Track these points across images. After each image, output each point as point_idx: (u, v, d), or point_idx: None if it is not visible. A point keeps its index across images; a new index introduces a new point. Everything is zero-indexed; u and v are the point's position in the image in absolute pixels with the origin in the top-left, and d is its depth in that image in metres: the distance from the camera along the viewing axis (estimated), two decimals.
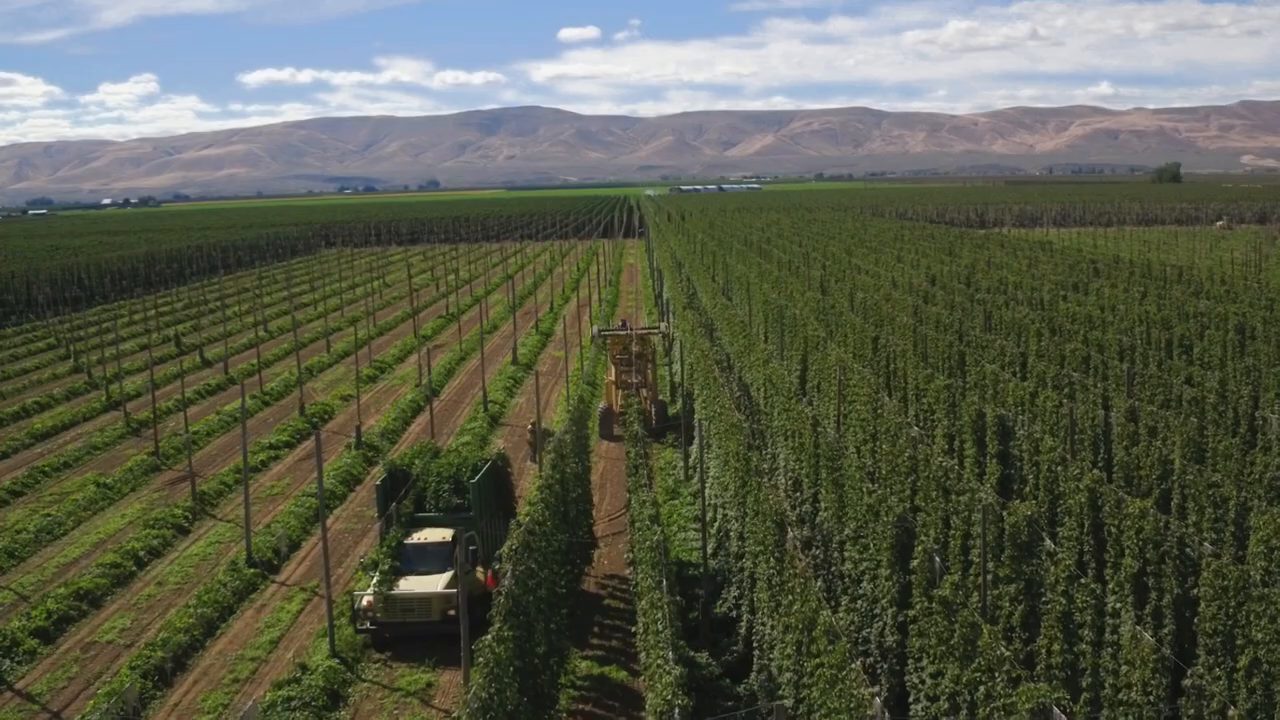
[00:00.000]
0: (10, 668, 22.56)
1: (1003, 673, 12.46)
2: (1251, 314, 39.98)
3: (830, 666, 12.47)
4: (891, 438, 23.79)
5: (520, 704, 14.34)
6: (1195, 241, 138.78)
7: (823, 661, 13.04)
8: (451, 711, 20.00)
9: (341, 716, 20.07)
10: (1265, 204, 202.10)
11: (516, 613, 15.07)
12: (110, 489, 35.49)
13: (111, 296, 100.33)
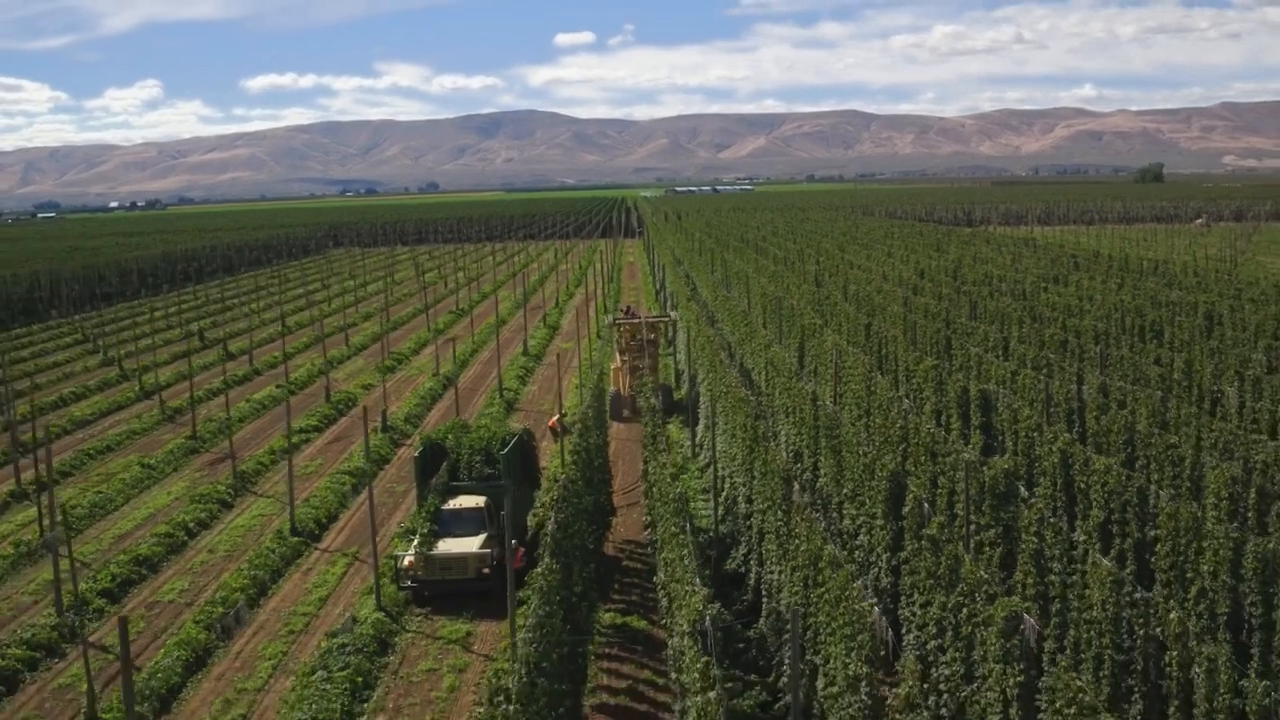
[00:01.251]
0: (83, 623, 24.83)
1: (981, 593, 14.77)
2: (1219, 303, 42.40)
3: (835, 589, 14.76)
4: (884, 411, 26.12)
5: (564, 629, 16.63)
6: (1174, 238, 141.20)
7: (827, 588, 15.32)
8: (490, 656, 22.30)
9: (391, 661, 22.36)
10: (1243, 202, 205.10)
11: (559, 553, 17.37)
12: (154, 469, 37.80)
13: (132, 294, 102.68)
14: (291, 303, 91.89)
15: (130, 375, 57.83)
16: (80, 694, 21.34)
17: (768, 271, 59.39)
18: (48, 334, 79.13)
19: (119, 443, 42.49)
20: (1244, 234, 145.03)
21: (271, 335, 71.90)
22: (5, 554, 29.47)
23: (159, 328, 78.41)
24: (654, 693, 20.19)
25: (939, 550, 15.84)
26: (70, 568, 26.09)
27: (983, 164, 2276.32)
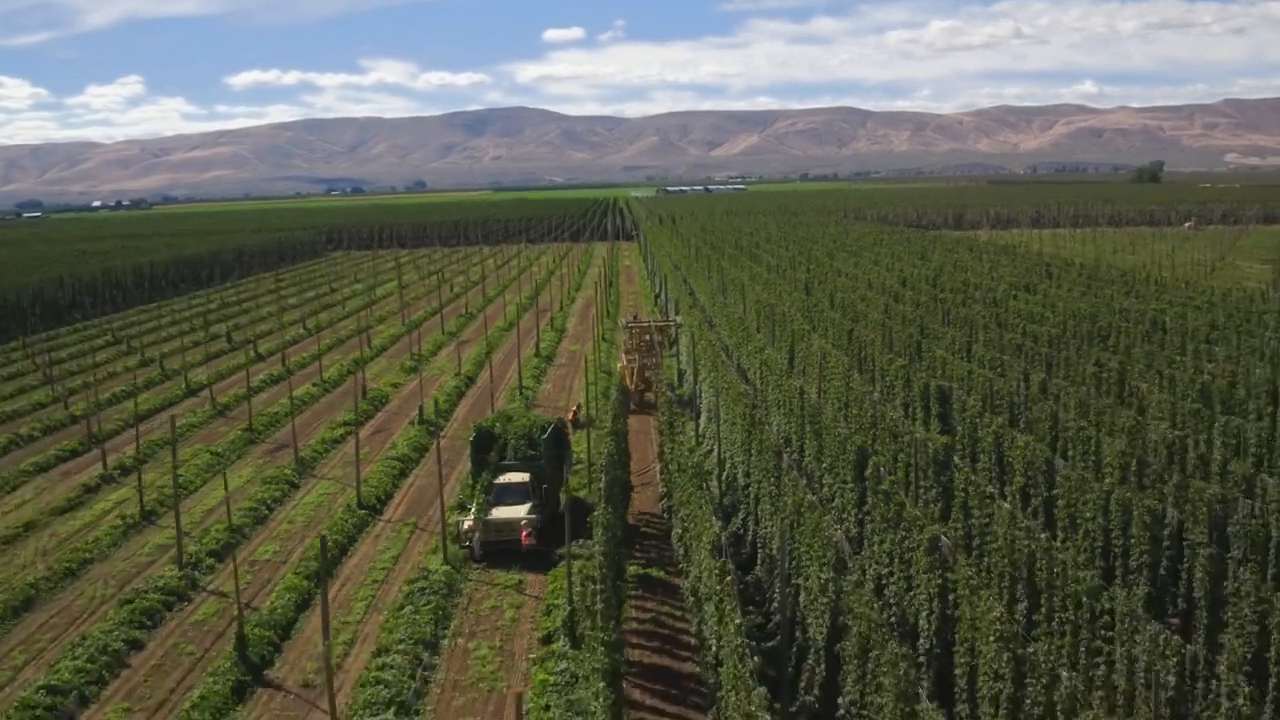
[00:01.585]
0: (199, 576, 30.14)
1: (916, 527, 20.16)
2: (1167, 310, 47.86)
3: (810, 524, 20.12)
4: (858, 403, 31.53)
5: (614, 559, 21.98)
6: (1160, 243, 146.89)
7: (805, 526, 20.70)
8: (540, 598, 27.63)
9: (460, 601, 27.68)
10: (1232, 205, 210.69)
11: (609, 500, 22.73)
12: (221, 456, 43.07)
13: (145, 298, 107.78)
14: (306, 305, 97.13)
15: (171, 374, 63.13)
16: (211, 628, 26.69)
17: (761, 279, 64.85)
18: (76, 336, 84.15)
19: (181, 435, 47.62)
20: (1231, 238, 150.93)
21: (296, 337, 77.15)
22: (116, 525, 34.70)
23: (183, 330, 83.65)
24: (672, 621, 25.55)
25: (889, 501, 21.20)
26: (177, 535, 31.43)
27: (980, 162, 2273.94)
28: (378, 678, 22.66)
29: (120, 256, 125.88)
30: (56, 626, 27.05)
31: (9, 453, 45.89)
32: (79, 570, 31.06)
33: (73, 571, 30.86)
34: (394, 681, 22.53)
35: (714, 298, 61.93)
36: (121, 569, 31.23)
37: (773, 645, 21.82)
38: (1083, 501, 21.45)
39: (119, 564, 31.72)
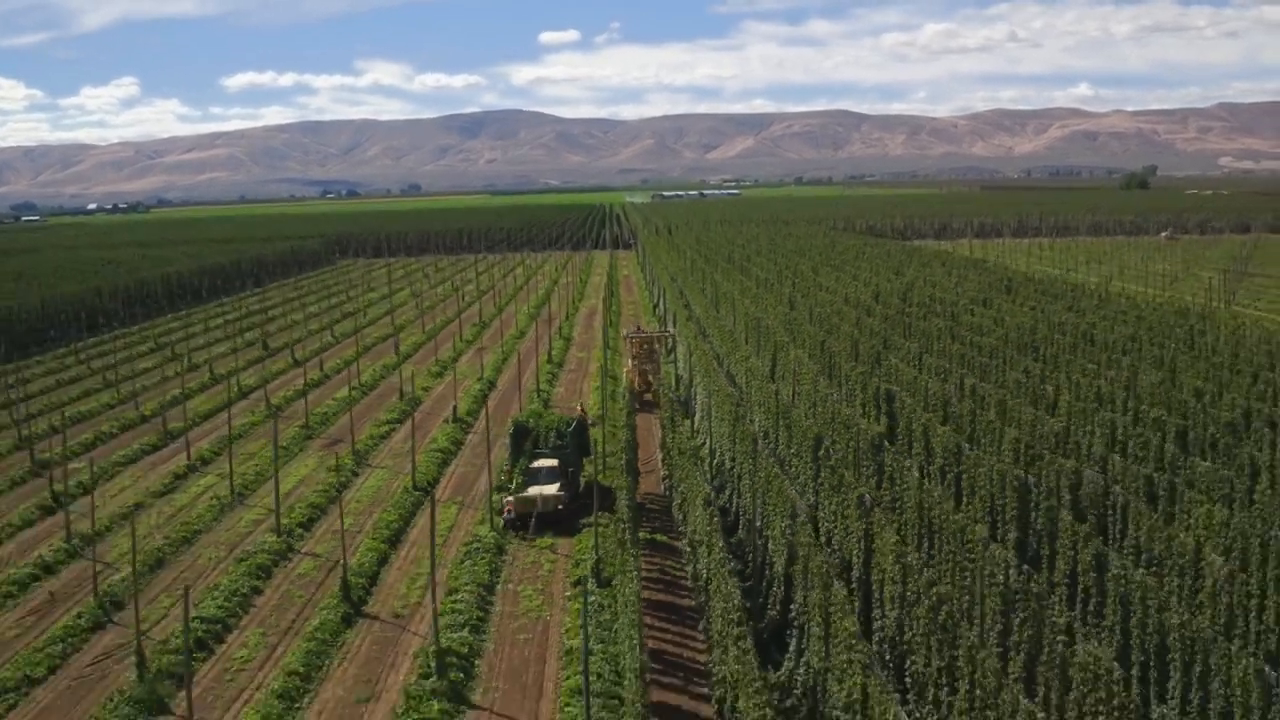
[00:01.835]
0: (293, 542, 37.52)
1: (854, 494, 27.61)
2: (1096, 325, 55.38)
3: (776, 490, 27.54)
4: (822, 402, 38.99)
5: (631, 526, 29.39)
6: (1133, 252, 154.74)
7: (773, 491, 28.14)
8: (569, 555, 35.01)
9: (506, 558, 35.08)
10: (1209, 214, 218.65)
11: (630, 471, 30.16)
12: (286, 449, 50.42)
13: (173, 307, 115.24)
14: (328, 313, 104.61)
15: (220, 378, 70.48)
16: (312, 579, 34.08)
17: (750, 293, 72.36)
18: (120, 343, 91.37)
19: (242, 433, 55.01)
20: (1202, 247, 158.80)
21: (326, 344, 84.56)
22: (212, 504, 42.11)
23: (217, 337, 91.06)
24: (673, 571, 32.99)
25: (835, 473, 28.64)
26: (276, 506, 38.83)
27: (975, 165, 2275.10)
28: (452, 608, 30.04)
29: (145, 266, 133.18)
30: (187, 579, 34.37)
31: (95, 448, 53.17)
32: (192, 539, 38.45)
33: (187, 539, 38.27)
34: (465, 611, 29.94)
35: (708, 311, 69.41)
36: (226, 537, 38.63)
37: (749, 585, 29.29)
38: (977, 476, 28.81)
39: (223, 534, 39.11)
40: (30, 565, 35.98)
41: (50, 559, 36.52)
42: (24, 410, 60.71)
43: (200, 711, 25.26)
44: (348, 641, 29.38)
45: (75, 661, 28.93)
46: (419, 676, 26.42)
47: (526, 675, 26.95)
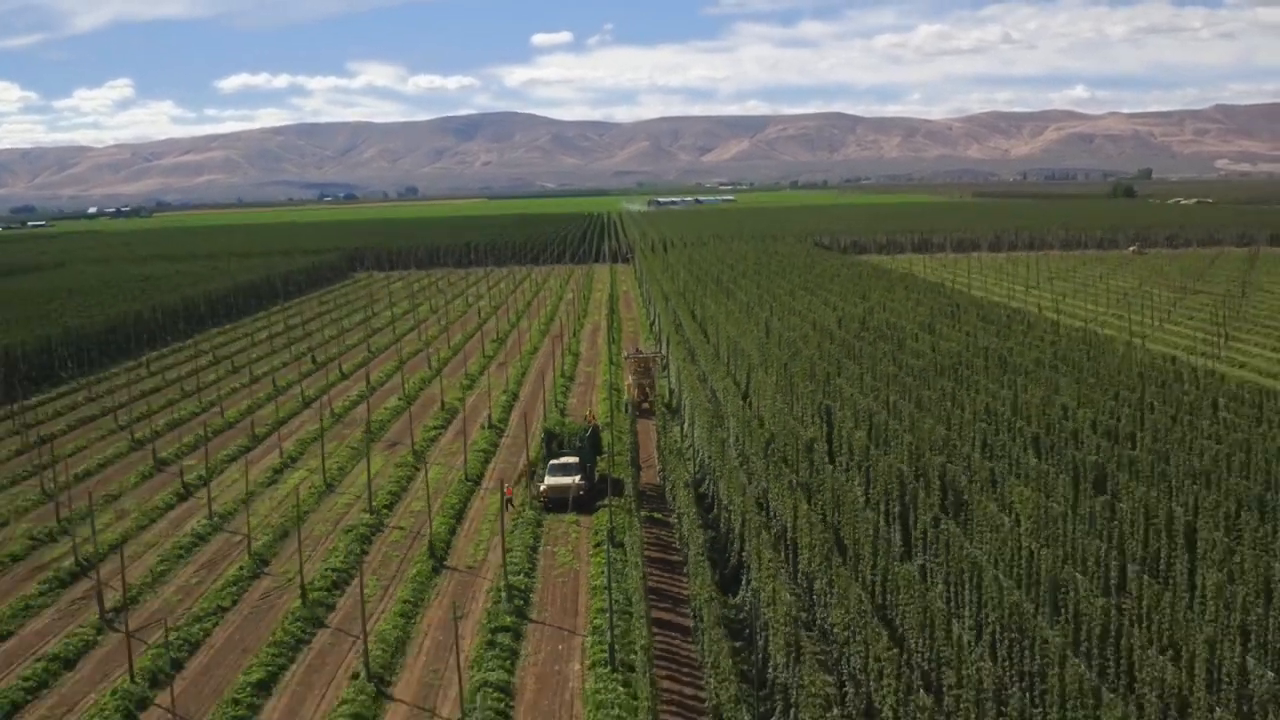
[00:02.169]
0: (378, 522, 50.00)
1: (788, 477, 40.19)
2: (1017, 350, 67.91)
3: (737, 476, 40.08)
4: (779, 414, 51.56)
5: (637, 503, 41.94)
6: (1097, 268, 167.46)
7: (733, 478, 40.71)
8: (590, 527, 47.47)
9: (543, 530, 47.58)
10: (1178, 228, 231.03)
11: (633, 465, 42.71)
12: (357, 450, 62.88)
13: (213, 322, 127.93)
14: (358, 329, 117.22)
15: (282, 389, 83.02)
16: (402, 545, 46.59)
17: (733, 317, 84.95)
18: (182, 357, 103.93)
19: (314, 439, 67.41)
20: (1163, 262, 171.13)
21: (364, 358, 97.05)
22: (311, 491, 54.62)
23: (266, 351, 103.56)
24: (666, 539, 45.54)
25: (778, 464, 41.19)
26: (368, 489, 51.37)
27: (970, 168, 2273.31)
28: (510, 561, 42.49)
29: (185, 284, 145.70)
30: (307, 544, 46.81)
31: (197, 449, 65.53)
32: (303, 517, 50.93)
33: (300, 517, 50.74)
34: (519, 563, 42.44)
35: (695, 334, 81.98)
36: (329, 515, 51.15)
37: (718, 545, 41.87)
38: (877, 469, 41.30)
39: (326, 513, 51.65)
40: (187, 536, 48.50)
41: (201, 530, 49.06)
42: (132, 413, 73.41)
43: (345, 625, 37.82)
44: (438, 584, 41.93)
45: (246, 598, 41.40)
46: (493, 603, 38.97)
47: (566, 602, 39.51)
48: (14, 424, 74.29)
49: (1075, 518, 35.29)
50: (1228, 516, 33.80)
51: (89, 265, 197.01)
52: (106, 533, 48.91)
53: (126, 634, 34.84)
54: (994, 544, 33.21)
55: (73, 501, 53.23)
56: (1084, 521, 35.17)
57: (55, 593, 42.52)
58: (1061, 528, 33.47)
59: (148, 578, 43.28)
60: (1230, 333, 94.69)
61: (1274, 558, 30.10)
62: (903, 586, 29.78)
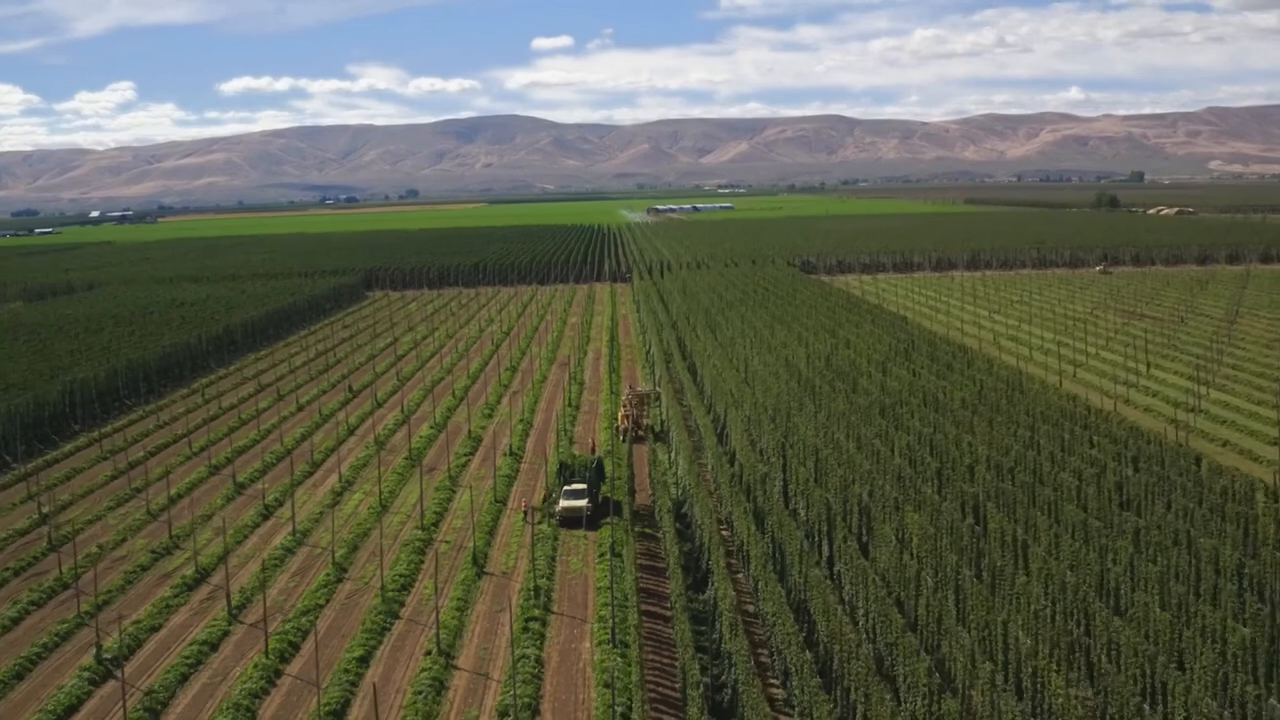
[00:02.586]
0: (428, 537, 63.18)
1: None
2: (949, 390, 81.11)
3: (706, 499, 53.36)
4: (746, 448, 64.82)
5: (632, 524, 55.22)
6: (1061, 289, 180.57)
7: (703, 501, 54.03)
8: (595, 540, 60.70)
9: (559, 542, 60.82)
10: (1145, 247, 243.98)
11: (631, 492, 56.02)
12: (401, 474, 76.08)
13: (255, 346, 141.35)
14: (385, 355, 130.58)
15: (327, 417, 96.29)
16: (449, 555, 59.85)
17: (717, 354, 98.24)
18: (228, 384, 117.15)
19: (365, 462, 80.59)
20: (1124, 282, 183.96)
21: (395, 386, 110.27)
22: (369, 512, 67.84)
23: (302, 380, 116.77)
24: (654, 550, 58.78)
25: (738, 490, 54.42)
26: (421, 508, 64.65)
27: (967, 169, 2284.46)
28: (535, 568, 55.67)
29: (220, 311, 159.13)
30: (375, 556, 59.93)
31: (266, 473, 78.68)
32: (368, 532, 64.14)
33: (365, 532, 63.96)
34: (542, 570, 55.66)
35: (683, 370, 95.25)
36: (388, 531, 64.36)
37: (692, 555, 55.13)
38: (813, 496, 54.45)
39: (386, 529, 64.89)
40: (278, 549, 61.72)
41: (288, 544, 62.31)
42: (209, 435, 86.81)
43: (415, 616, 51.09)
44: (481, 586, 55.19)
45: (335, 598, 54.59)
46: (523, 600, 52.23)
47: (578, 599, 52.78)
48: (101, 449, 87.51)
49: (952, 537, 48.58)
50: (1055, 538, 47.10)
51: (120, 287, 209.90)
52: (211, 546, 62.13)
53: (264, 627, 48.15)
54: (886, 557, 46.49)
55: (174, 520, 66.50)
56: (957, 540, 48.44)
57: (185, 595, 55.68)
58: (934, 545, 46.76)
59: (254, 583, 56.45)
60: (1156, 362, 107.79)
61: (1067, 566, 43.44)
62: (813, 586, 43.05)
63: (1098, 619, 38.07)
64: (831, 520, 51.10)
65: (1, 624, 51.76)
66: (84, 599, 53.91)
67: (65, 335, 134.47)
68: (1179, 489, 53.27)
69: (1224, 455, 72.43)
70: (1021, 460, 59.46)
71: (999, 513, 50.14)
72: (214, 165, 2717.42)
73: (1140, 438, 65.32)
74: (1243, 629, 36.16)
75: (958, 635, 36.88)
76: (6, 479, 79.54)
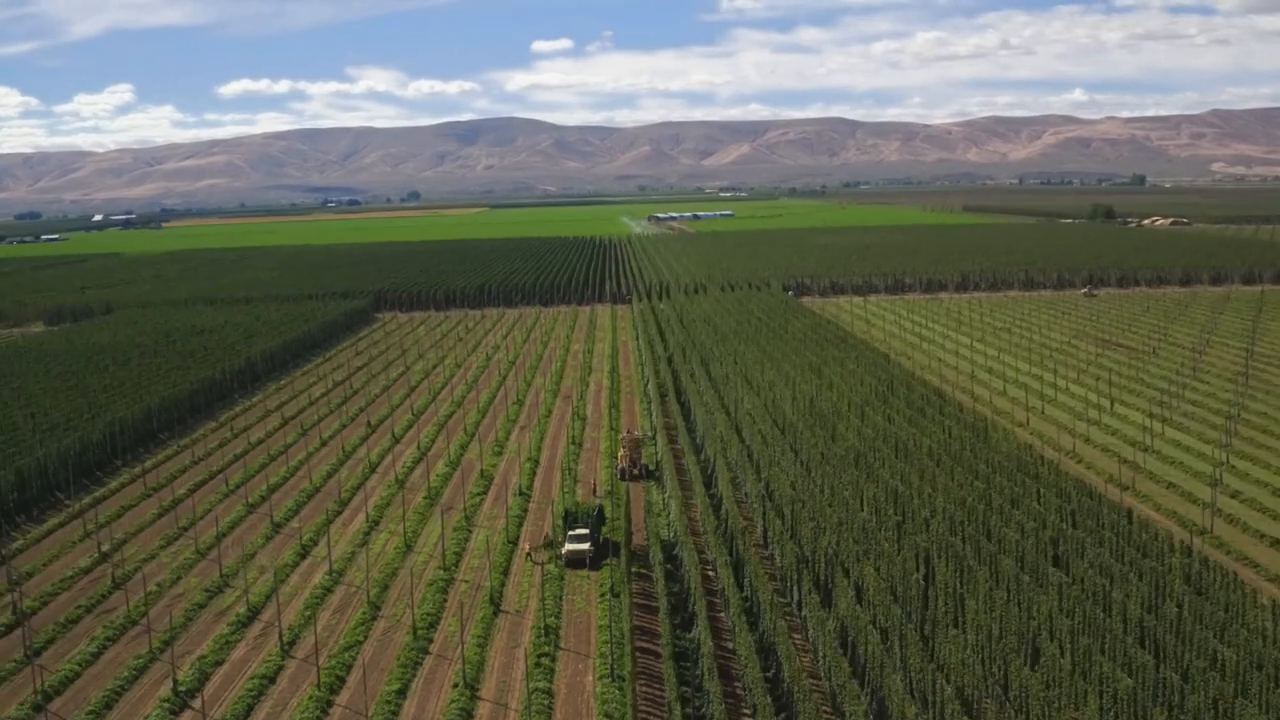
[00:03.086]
0: (449, 577, 71.36)
1: (724, 557, 61.73)
2: (919, 438, 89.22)
3: (691, 540, 61.61)
4: (734, 487, 73.06)
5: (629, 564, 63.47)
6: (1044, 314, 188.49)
7: (687, 541, 62.29)
8: (597, 580, 68.86)
9: (566, 581, 68.96)
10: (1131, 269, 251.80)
11: (628, 535, 64.33)
12: (423, 514, 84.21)
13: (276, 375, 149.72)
14: (399, 386, 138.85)
15: (349, 453, 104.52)
16: (470, 594, 68.07)
17: (709, 392, 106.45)
18: (254, 416, 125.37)
19: (389, 501, 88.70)
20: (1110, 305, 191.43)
21: (410, 420, 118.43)
22: (395, 551, 76.00)
23: (322, 413, 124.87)
24: (649, 590, 67.01)
25: (721, 537, 62.61)
26: (441, 548, 72.90)
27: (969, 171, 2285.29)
28: (543, 607, 63.79)
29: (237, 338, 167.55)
30: (404, 595, 67.98)
31: (296, 515, 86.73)
32: (396, 571, 72.20)
33: (394, 572, 72.02)
34: (551, 609, 63.82)
35: (676, 413, 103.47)
36: (414, 569, 72.48)
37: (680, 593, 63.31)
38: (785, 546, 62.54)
39: (411, 568, 73.04)
40: (317, 588, 69.86)
41: (326, 584, 70.46)
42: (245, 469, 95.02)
43: (442, 652, 59.26)
44: (498, 624, 63.39)
45: (372, 634, 62.68)
46: (535, 636, 60.39)
47: (582, 636, 60.96)
48: (144, 486, 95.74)
49: (904, 586, 56.75)
50: (990, 592, 55.28)
51: (138, 311, 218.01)
52: (258, 585, 70.31)
53: (314, 661, 56.36)
54: (845, 606, 54.71)
55: (222, 558, 74.72)
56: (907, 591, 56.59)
57: (240, 631, 63.85)
58: (885, 597, 54.95)
59: (300, 619, 64.63)
60: (1120, 397, 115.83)
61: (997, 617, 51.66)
62: (780, 634, 51.26)
63: (1012, 668, 46.26)
64: (800, 570, 59.30)
65: (85, 658, 59.93)
66: (153, 635, 62.12)
67: (95, 368, 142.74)
68: (1106, 544, 61.44)
69: (1166, 497, 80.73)
70: (973, 514, 67.59)
71: (945, 568, 58.29)
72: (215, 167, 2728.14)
73: (1083, 490, 73.50)
74: (1128, 679, 44.32)
75: (893, 682, 45.05)
76: (62, 516, 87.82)
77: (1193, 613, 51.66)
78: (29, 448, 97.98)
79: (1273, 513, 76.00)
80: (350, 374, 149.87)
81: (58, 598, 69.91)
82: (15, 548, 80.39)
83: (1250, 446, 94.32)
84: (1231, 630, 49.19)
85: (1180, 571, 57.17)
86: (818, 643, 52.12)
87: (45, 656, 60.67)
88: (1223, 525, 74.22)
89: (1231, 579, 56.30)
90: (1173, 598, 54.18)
